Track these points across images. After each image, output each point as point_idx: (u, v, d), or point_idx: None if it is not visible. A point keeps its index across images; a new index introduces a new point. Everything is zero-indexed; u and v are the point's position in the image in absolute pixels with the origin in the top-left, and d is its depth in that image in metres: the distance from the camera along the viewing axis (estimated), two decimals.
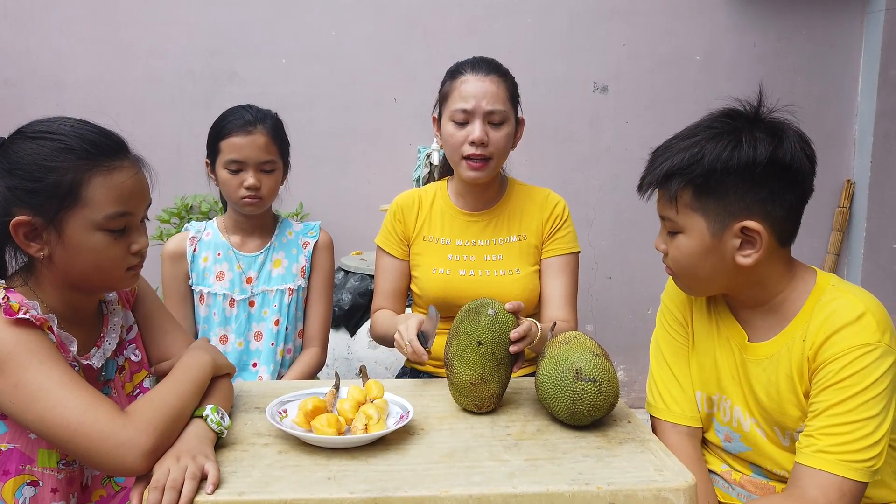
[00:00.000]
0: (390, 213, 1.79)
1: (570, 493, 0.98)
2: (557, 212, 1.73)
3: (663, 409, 1.33)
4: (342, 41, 3.17)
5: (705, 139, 1.13)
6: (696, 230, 1.15)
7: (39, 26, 3.06)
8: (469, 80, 1.61)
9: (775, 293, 1.20)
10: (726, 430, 1.29)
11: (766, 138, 1.11)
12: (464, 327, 1.26)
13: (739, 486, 1.29)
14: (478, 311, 1.26)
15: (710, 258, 1.16)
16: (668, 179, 1.15)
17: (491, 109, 1.59)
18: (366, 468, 1.03)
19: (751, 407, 1.23)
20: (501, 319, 1.25)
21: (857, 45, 3.31)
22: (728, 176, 1.11)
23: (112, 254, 1.10)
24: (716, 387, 1.29)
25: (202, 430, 1.08)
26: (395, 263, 1.78)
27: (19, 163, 1.05)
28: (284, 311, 1.78)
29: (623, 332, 3.40)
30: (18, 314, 1.01)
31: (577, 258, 1.75)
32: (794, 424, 1.18)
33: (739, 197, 1.12)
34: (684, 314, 1.34)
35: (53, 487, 1.08)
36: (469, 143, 1.60)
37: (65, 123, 1.09)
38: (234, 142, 1.67)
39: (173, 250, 1.77)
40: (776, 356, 1.19)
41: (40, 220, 1.06)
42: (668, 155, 1.16)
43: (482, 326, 1.24)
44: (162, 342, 1.30)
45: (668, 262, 1.23)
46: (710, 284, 1.21)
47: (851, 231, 3.40)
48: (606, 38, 3.24)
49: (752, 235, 1.13)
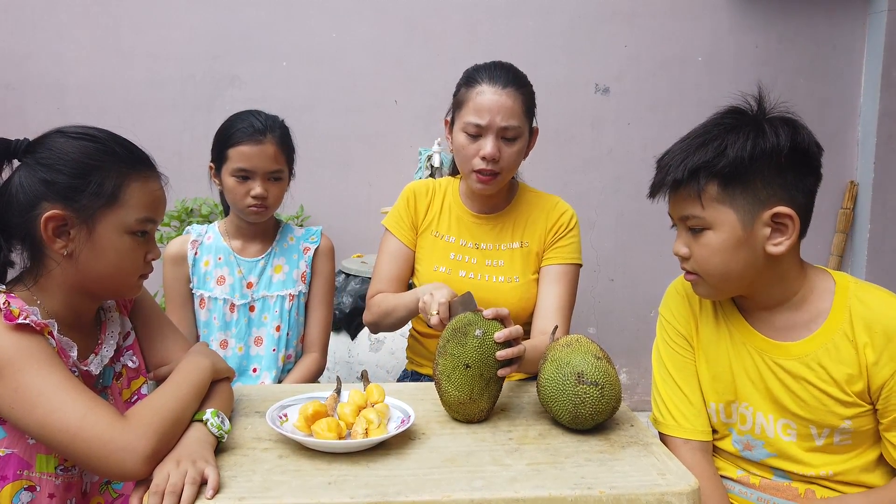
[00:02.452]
0: (403, 197, 1.76)
1: (573, 497, 0.97)
2: (563, 220, 1.70)
3: (673, 425, 1.29)
4: (343, 44, 3.17)
5: (722, 132, 1.14)
6: (726, 223, 1.14)
7: (40, 30, 3.07)
8: (485, 93, 1.55)
9: (794, 290, 1.20)
10: (747, 439, 1.27)
11: (784, 126, 1.13)
12: (451, 348, 1.22)
13: (759, 489, 1.27)
14: (465, 331, 1.21)
15: (741, 251, 1.15)
16: (693, 175, 1.14)
17: (505, 126, 1.55)
18: (367, 473, 1.03)
19: (779, 408, 1.22)
20: (489, 341, 1.21)
21: (859, 46, 3.30)
22: (754, 164, 1.11)
23: (133, 258, 1.14)
24: (733, 394, 1.27)
25: (202, 434, 1.08)
26: (401, 248, 1.74)
27: (62, 158, 1.08)
28: (285, 316, 1.77)
29: (625, 334, 3.39)
30: (19, 319, 1.01)
31: (577, 271, 1.70)
32: (837, 422, 1.18)
33: (766, 184, 1.13)
34: (687, 327, 1.32)
35: (51, 493, 1.08)
36: (480, 158, 1.57)
37: (101, 130, 1.14)
38: (243, 151, 1.65)
39: (175, 253, 1.77)
40: (814, 355, 1.18)
41: (74, 217, 1.08)
42: (685, 154, 1.16)
43: (469, 349, 1.20)
44: (160, 347, 1.30)
45: (692, 265, 1.21)
46: (739, 282, 1.19)
47: (855, 232, 3.39)
48: (608, 39, 3.24)
49: (784, 221, 1.14)
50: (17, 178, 1.09)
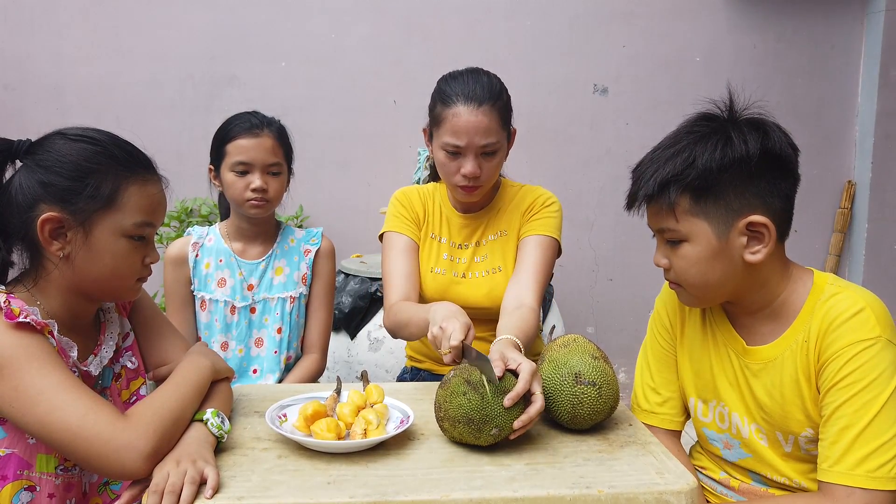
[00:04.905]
0: (398, 201, 1.74)
1: (572, 496, 0.98)
2: (539, 201, 1.68)
3: (639, 410, 1.37)
4: (342, 44, 3.17)
5: (692, 143, 1.12)
6: (700, 235, 1.13)
7: (39, 30, 3.07)
8: (461, 115, 1.53)
9: (776, 295, 1.19)
10: (725, 438, 1.28)
11: (753, 132, 1.11)
12: (459, 433, 1.11)
13: (739, 492, 1.28)
14: (479, 428, 1.09)
15: (719, 262, 1.14)
16: (664, 189, 1.13)
17: (485, 143, 1.55)
18: (366, 473, 1.03)
19: (752, 412, 1.22)
20: (505, 432, 1.10)
21: (857, 46, 3.30)
22: (724, 174, 1.10)
23: (130, 262, 1.13)
24: (712, 394, 1.28)
25: (202, 434, 1.08)
26: (409, 243, 1.70)
27: (60, 161, 1.07)
28: (287, 318, 1.78)
29: (624, 334, 3.40)
30: (19, 318, 1.01)
31: (553, 245, 1.64)
32: (798, 428, 1.16)
33: (739, 194, 1.11)
34: (674, 320, 1.35)
35: (50, 493, 1.08)
36: (462, 175, 1.57)
37: (102, 132, 1.13)
38: (241, 144, 1.67)
39: (176, 255, 1.77)
40: (780, 359, 1.18)
41: (71, 219, 1.07)
42: (655, 166, 1.14)
43: (484, 438, 1.10)
44: (160, 347, 1.30)
45: (673, 276, 1.21)
46: (720, 290, 1.18)
47: (853, 232, 3.39)
48: (606, 40, 3.24)
49: (759, 230, 1.12)
50: (17, 179, 1.09)
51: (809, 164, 3.33)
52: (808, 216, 3.36)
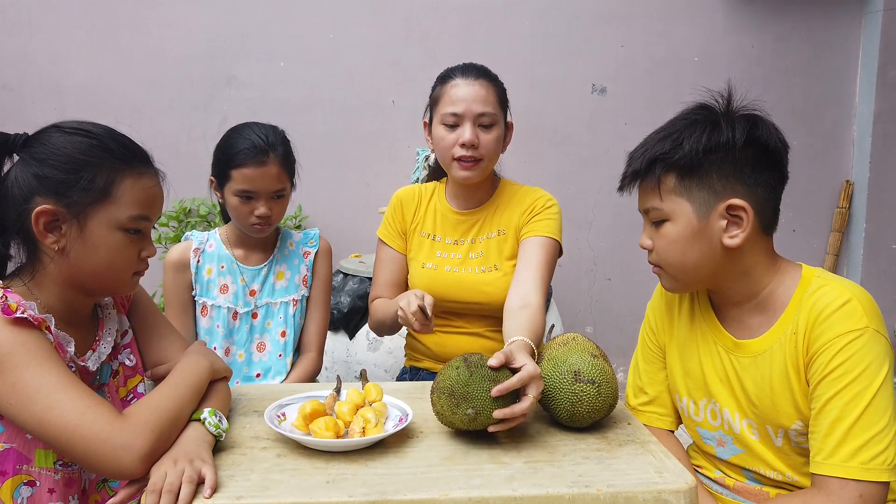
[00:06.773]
0: (391, 206, 1.83)
1: (570, 495, 0.98)
2: (540, 203, 1.70)
3: (630, 408, 1.40)
4: (340, 44, 3.17)
5: (683, 128, 1.17)
6: (682, 215, 1.17)
7: (38, 30, 3.07)
8: (459, 85, 1.64)
9: (762, 287, 1.20)
10: (718, 434, 1.28)
11: (742, 121, 1.15)
12: (441, 406, 1.13)
13: (734, 491, 1.29)
14: (458, 397, 1.10)
15: (697, 242, 1.17)
16: (651, 167, 1.18)
17: (481, 112, 1.62)
18: (365, 471, 1.03)
19: (742, 407, 1.23)
20: (482, 419, 1.10)
21: (855, 46, 3.31)
22: (709, 156, 1.14)
23: (126, 255, 1.12)
24: (704, 392, 1.29)
25: (200, 433, 1.07)
26: (394, 255, 1.81)
27: (55, 154, 1.07)
28: (291, 321, 1.78)
29: (623, 333, 3.40)
30: (16, 313, 1.01)
31: (555, 246, 1.66)
32: (788, 422, 1.17)
33: (722, 177, 1.14)
34: (662, 324, 1.38)
35: (50, 488, 1.08)
36: (460, 146, 1.62)
37: (98, 126, 1.13)
38: (246, 173, 1.63)
39: (177, 260, 1.76)
40: (769, 352, 1.18)
41: (65, 212, 1.07)
42: (647, 146, 1.19)
43: (459, 417, 1.11)
44: (158, 346, 1.30)
45: (654, 257, 1.24)
46: (699, 273, 1.20)
47: (851, 231, 3.40)
48: (604, 39, 3.24)
49: (738, 213, 1.15)
50: (13, 173, 1.09)
51: (807, 163, 3.34)
52: (807, 216, 3.37)
